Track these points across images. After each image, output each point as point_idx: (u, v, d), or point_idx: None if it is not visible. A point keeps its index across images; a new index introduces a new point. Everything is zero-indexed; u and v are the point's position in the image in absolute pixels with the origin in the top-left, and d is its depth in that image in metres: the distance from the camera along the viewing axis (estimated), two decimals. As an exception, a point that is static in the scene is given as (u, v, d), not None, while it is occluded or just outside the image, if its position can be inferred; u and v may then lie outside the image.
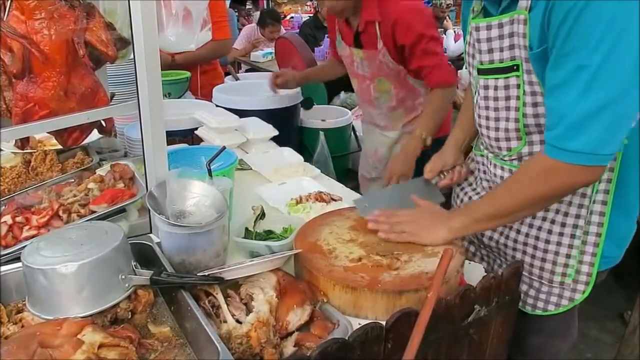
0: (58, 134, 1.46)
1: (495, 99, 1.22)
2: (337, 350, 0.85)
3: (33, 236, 1.18)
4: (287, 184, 1.69)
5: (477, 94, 1.31)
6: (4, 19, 1.21)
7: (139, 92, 1.14)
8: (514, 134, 1.23)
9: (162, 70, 1.15)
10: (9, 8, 1.22)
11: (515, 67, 1.15)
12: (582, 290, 1.26)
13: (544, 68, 1.07)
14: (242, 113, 2.14)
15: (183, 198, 1.15)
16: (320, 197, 1.52)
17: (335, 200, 1.52)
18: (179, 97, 2.64)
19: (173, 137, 1.94)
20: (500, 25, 1.15)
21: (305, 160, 1.92)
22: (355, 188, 1.98)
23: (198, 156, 1.33)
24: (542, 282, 1.29)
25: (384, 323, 0.92)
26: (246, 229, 1.30)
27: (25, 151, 1.58)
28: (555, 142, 1.05)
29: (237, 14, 7.30)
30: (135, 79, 1.13)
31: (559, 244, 1.24)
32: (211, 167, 1.25)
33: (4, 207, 1.31)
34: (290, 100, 2.66)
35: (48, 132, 1.55)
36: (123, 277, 0.96)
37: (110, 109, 1.37)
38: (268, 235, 1.31)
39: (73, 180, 1.44)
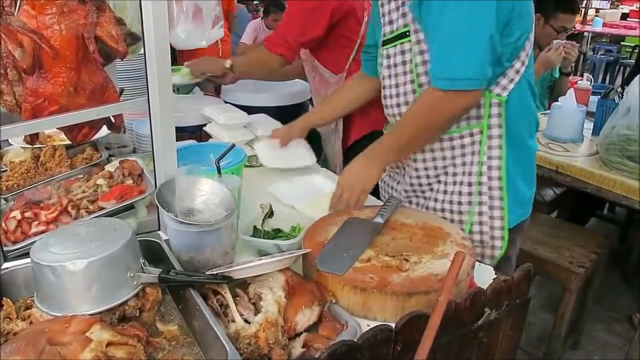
0: (67, 129, 1.46)
1: (395, 65, 1.40)
2: (345, 352, 0.84)
3: (42, 232, 1.19)
4: (298, 181, 1.69)
5: (381, 67, 1.47)
6: (15, 14, 1.21)
7: (149, 88, 1.13)
8: (411, 96, 1.39)
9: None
10: (20, 3, 1.22)
11: (407, 33, 1.34)
12: (500, 246, 1.42)
13: (421, 17, 1.26)
14: (250, 109, 2.13)
15: (192, 195, 1.15)
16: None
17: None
18: (187, 93, 2.64)
19: (181, 133, 1.94)
20: None
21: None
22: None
23: (206, 153, 1.33)
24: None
25: (393, 325, 0.92)
26: (254, 227, 1.30)
27: (34, 146, 1.58)
28: (435, 72, 1.24)
29: (246, 8, 7.27)
30: (146, 75, 1.12)
31: (469, 203, 1.40)
32: (220, 165, 1.25)
33: (13, 202, 1.32)
34: (299, 97, 2.65)
35: (58, 128, 1.55)
36: (131, 274, 0.96)
37: (120, 105, 1.37)
38: (276, 233, 1.30)
39: (82, 175, 1.44)
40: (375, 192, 1.71)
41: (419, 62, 1.33)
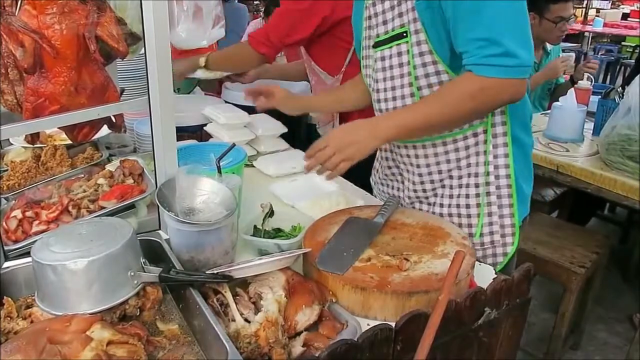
0: (68, 129, 1.46)
1: (390, 67, 1.33)
2: (346, 352, 0.84)
3: (43, 231, 1.19)
4: (298, 180, 1.70)
5: (374, 72, 1.40)
6: (16, 14, 1.21)
7: (149, 88, 1.13)
8: (409, 99, 1.33)
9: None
10: (21, 3, 1.22)
11: (404, 34, 1.27)
12: (512, 242, 1.40)
13: (432, 15, 1.21)
14: (251, 109, 2.13)
15: (192, 195, 1.15)
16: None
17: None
18: (188, 93, 2.64)
19: (182, 133, 1.94)
20: None
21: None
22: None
23: (207, 153, 1.33)
24: (476, 248, 1.37)
25: (393, 324, 0.92)
26: (255, 226, 1.30)
27: (35, 146, 1.59)
28: (485, 60, 1.14)
29: (247, 8, 7.27)
30: (146, 75, 1.12)
31: (478, 205, 1.37)
32: (220, 164, 1.25)
33: (14, 201, 1.32)
34: (300, 97, 2.64)
35: (58, 128, 1.55)
36: (132, 273, 0.96)
37: (120, 104, 1.37)
38: (277, 233, 1.31)
39: (83, 175, 1.44)
40: (369, 189, 1.72)
41: (418, 64, 1.27)
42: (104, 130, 1.58)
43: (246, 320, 0.96)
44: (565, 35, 3.03)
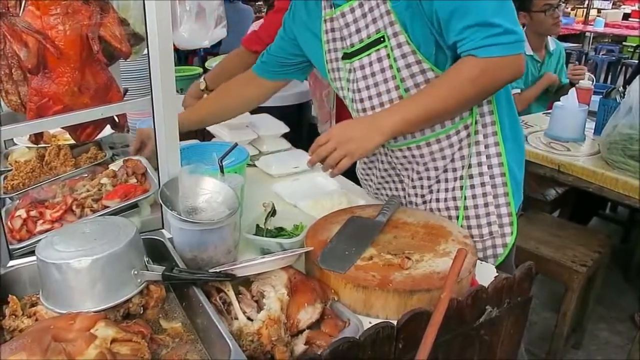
0: (72, 129, 1.46)
1: (372, 74, 1.30)
2: (347, 350, 0.85)
3: (47, 230, 1.20)
4: (300, 180, 1.71)
5: (350, 82, 1.37)
6: (20, 15, 1.22)
7: (152, 88, 1.14)
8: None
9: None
10: (25, 3, 1.23)
11: (382, 39, 1.25)
12: (511, 232, 1.39)
13: (412, 14, 1.20)
14: (253, 109, 2.14)
15: (195, 194, 1.16)
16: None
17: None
18: (190, 93, 2.64)
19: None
20: (361, 5, 1.27)
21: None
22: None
23: (210, 152, 1.34)
24: (475, 240, 1.37)
25: (395, 322, 0.92)
26: (257, 225, 1.31)
27: (39, 146, 1.60)
28: (486, 42, 1.13)
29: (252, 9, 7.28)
30: (149, 75, 1.13)
31: (474, 196, 1.37)
32: (223, 164, 1.26)
33: (18, 201, 1.33)
34: (302, 97, 2.66)
35: (62, 127, 1.56)
36: (135, 272, 0.97)
37: (123, 104, 1.38)
38: (279, 232, 1.31)
39: (86, 175, 1.45)
40: (355, 179, 1.72)
41: (402, 66, 1.25)
42: (107, 130, 1.58)
43: (249, 318, 0.97)
44: (560, 26, 3.05)
